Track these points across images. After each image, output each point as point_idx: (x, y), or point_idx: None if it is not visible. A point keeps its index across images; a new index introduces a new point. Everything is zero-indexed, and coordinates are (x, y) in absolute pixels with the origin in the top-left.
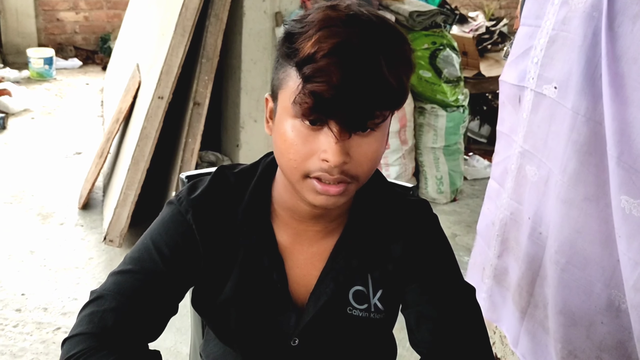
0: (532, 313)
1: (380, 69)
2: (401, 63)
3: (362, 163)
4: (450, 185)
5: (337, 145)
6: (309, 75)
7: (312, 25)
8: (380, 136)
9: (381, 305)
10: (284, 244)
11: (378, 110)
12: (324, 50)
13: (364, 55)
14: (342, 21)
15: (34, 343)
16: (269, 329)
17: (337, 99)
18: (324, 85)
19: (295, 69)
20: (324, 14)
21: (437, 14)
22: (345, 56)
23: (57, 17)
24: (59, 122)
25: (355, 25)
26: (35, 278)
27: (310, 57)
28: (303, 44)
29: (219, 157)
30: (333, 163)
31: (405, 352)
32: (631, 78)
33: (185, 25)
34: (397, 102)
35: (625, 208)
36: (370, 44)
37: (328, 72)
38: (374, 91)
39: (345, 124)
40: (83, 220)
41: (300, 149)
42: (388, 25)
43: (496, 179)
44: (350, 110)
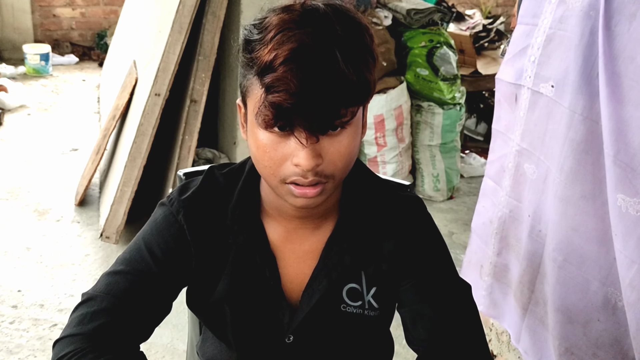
0: (533, 310)
1: (338, 67)
2: (360, 56)
3: (335, 162)
4: (446, 183)
5: (306, 150)
6: (269, 86)
7: (268, 32)
8: (353, 132)
9: (375, 302)
10: (275, 242)
11: (343, 108)
12: (280, 58)
13: (320, 56)
14: (295, 23)
15: (30, 339)
16: (263, 327)
17: (298, 106)
18: (282, 95)
19: (257, 78)
20: (278, 18)
21: (434, 11)
22: (301, 61)
23: (53, 13)
24: (56, 119)
25: (309, 25)
26: (32, 274)
27: (268, 67)
28: (260, 53)
29: (216, 155)
30: (305, 167)
31: (401, 349)
32: (628, 77)
33: (182, 22)
34: (362, 97)
35: (622, 206)
36: (325, 43)
37: (286, 80)
38: (335, 91)
39: (310, 128)
40: (79, 217)
41: (273, 155)
42: (345, 18)
43: (491, 177)
44: (313, 114)
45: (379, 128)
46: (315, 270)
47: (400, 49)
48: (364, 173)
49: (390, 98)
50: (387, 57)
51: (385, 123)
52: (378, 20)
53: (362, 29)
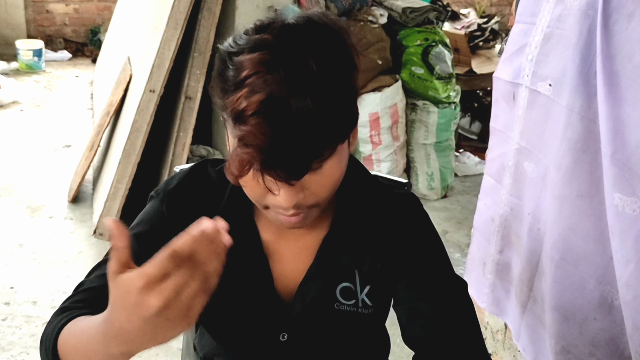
0: (532, 308)
1: (310, 117)
2: (337, 96)
3: (318, 192)
4: (441, 182)
5: (284, 191)
6: (240, 138)
7: (240, 72)
8: (336, 161)
9: (369, 300)
10: (269, 240)
11: (320, 153)
12: (250, 110)
13: (291, 105)
14: (267, 64)
15: (22, 337)
16: (257, 325)
17: (268, 162)
18: (252, 151)
19: (231, 121)
20: (249, 58)
21: (429, 10)
22: (270, 114)
23: (46, 8)
24: (48, 115)
25: (281, 65)
26: (25, 271)
27: (239, 116)
28: (232, 99)
29: (210, 152)
30: (285, 206)
31: (396, 348)
32: (625, 76)
33: (177, 18)
34: (341, 135)
35: (619, 205)
36: (297, 88)
37: (256, 136)
38: (308, 141)
39: (284, 178)
40: (73, 214)
41: (254, 188)
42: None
43: (492, 175)
44: (285, 167)
45: (374, 126)
46: (310, 268)
47: (396, 47)
48: (359, 171)
49: (385, 96)
50: (383, 56)
51: (380, 121)
52: (374, 18)
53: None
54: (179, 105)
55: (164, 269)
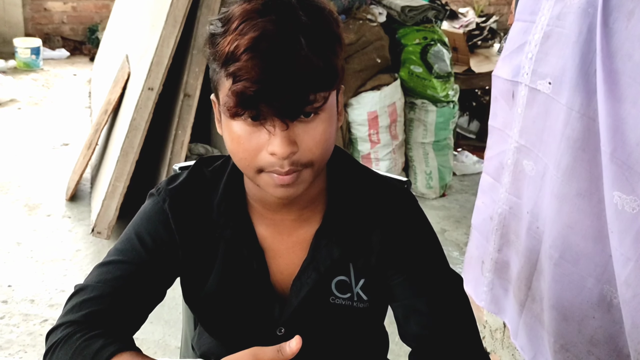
0: (530, 306)
1: (301, 53)
2: (325, 40)
3: (311, 148)
4: (439, 181)
5: (280, 137)
6: (232, 75)
7: (231, 23)
8: (327, 117)
9: (364, 294)
10: (263, 235)
11: (311, 93)
12: (242, 47)
13: (282, 42)
14: (258, 12)
15: (20, 335)
16: (254, 320)
17: (262, 93)
18: (245, 83)
19: (223, 70)
20: (240, 9)
21: (428, 9)
22: (263, 48)
23: (44, 6)
24: (46, 113)
25: (272, 12)
26: (22, 270)
27: (231, 57)
28: (223, 44)
29: (209, 150)
30: (280, 155)
31: (394, 346)
32: (625, 74)
33: (176, 15)
34: (329, 82)
35: (618, 204)
36: (288, 29)
37: (247, 68)
38: (300, 77)
39: (280, 114)
40: (70, 212)
41: (248, 146)
42: (309, 4)
43: (490, 173)
44: (279, 100)
45: (373, 125)
46: (304, 262)
47: (394, 46)
48: (349, 163)
49: (384, 95)
50: (381, 54)
51: (379, 120)
52: (372, 16)
53: (326, 14)
54: (177, 103)
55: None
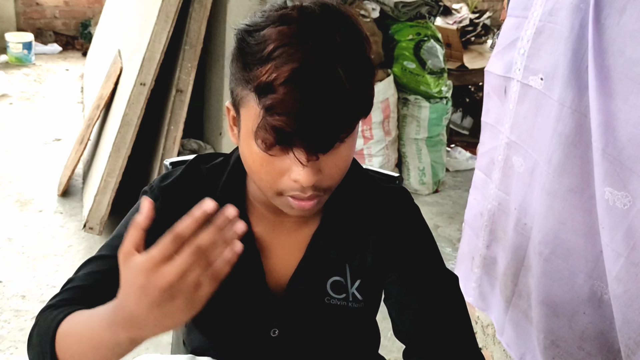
0: (516, 303)
1: (341, 86)
2: (362, 70)
3: (334, 175)
4: (432, 177)
5: (307, 168)
6: (269, 107)
7: (266, 45)
8: (351, 142)
9: (359, 295)
10: (260, 235)
11: (346, 127)
12: (281, 79)
13: (322, 75)
14: (296, 36)
15: (11, 331)
16: (248, 320)
17: (300, 130)
18: (283, 118)
19: (255, 95)
20: (277, 32)
21: (421, 5)
22: (303, 82)
23: (36, 1)
24: (38, 108)
25: (310, 37)
26: (14, 265)
27: (267, 87)
28: (259, 71)
29: (202, 145)
30: (305, 185)
31: (387, 342)
32: (617, 70)
33: (168, 11)
34: (365, 111)
35: (609, 200)
36: (327, 59)
37: (287, 103)
38: (338, 111)
39: (313, 149)
40: (62, 208)
41: (270, 170)
42: (344, 26)
43: (482, 169)
44: (315, 137)
45: (366, 121)
46: (300, 263)
47: (388, 41)
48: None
49: (377, 91)
50: (375, 50)
51: (372, 116)
52: (366, 12)
53: (362, 39)
54: (169, 99)
55: (167, 251)
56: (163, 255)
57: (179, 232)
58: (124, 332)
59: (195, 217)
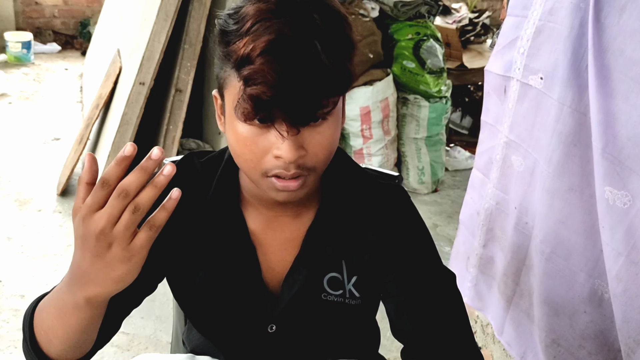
0: (518, 302)
1: (318, 58)
2: (340, 45)
3: (317, 153)
4: (431, 176)
5: (288, 141)
6: (246, 78)
7: (244, 22)
8: (334, 122)
9: (356, 291)
10: (255, 230)
11: (324, 99)
12: (258, 50)
13: (299, 46)
14: (273, 12)
15: (10, 330)
16: (244, 316)
17: (277, 98)
18: (261, 87)
19: (235, 71)
20: (254, 8)
21: (421, 4)
22: (279, 52)
23: (35, 0)
24: (37, 108)
25: (287, 13)
26: (13, 265)
27: (245, 59)
28: (237, 45)
29: (200, 145)
30: (288, 160)
31: (386, 341)
32: (617, 70)
33: (167, 10)
34: (343, 87)
35: (609, 199)
36: (304, 33)
37: (264, 72)
38: (315, 82)
39: (292, 120)
40: (61, 207)
41: (254, 148)
42: (323, 7)
43: (480, 168)
44: (294, 106)
45: (365, 120)
46: (296, 259)
47: (387, 41)
48: (344, 161)
49: (376, 90)
50: (374, 49)
51: (372, 115)
52: (365, 11)
53: (341, 18)
54: (169, 98)
55: (98, 198)
56: (95, 203)
57: (105, 177)
58: (79, 290)
59: (117, 161)
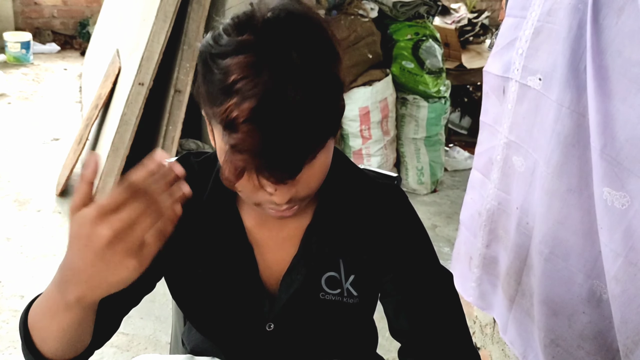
0: (520, 302)
1: (304, 118)
2: (327, 90)
3: (310, 185)
4: (430, 176)
5: (279, 190)
6: (232, 146)
7: (227, 77)
8: (326, 153)
9: (354, 290)
10: (252, 229)
11: (312, 153)
12: (241, 119)
13: (283, 110)
14: (253, 66)
15: (10, 331)
16: (242, 315)
17: (263, 165)
18: (246, 157)
19: (220, 127)
20: (236, 63)
21: (420, 4)
22: (263, 120)
23: (34, 0)
24: (36, 108)
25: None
26: (12, 265)
27: (230, 124)
28: (222, 107)
29: (200, 145)
30: (279, 203)
31: (384, 341)
32: (615, 71)
33: (167, 10)
34: (333, 131)
35: (607, 200)
36: (286, 90)
37: (248, 142)
38: (304, 138)
39: (280, 179)
40: (61, 207)
41: (245, 186)
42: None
43: (479, 169)
44: (280, 171)
45: (364, 120)
46: (294, 259)
47: (386, 41)
48: (341, 161)
49: (375, 90)
50: (373, 50)
51: (371, 115)
52: (364, 12)
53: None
54: (168, 99)
55: (117, 200)
56: (112, 204)
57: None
58: (70, 290)
59: (150, 169)
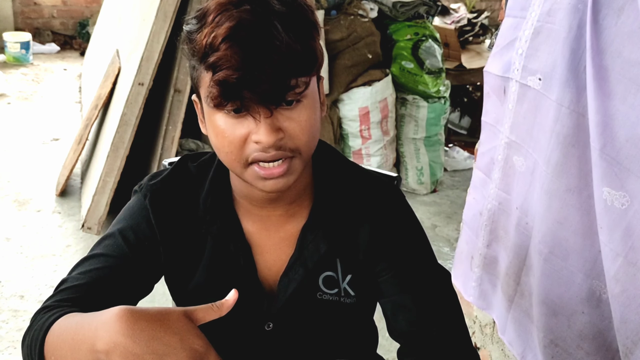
0: (519, 302)
1: (279, 38)
2: (301, 25)
3: (297, 134)
4: (430, 176)
5: (264, 124)
6: (212, 65)
7: (206, 17)
8: (310, 104)
9: (351, 289)
10: (250, 230)
11: (293, 79)
12: (220, 37)
13: (259, 29)
14: (233, 4)
15: (9, 331)
16: (242, 315)
17: (244, 80)
18: (226, 71)
19: (202, 64)
20: (215, 2)
21: (419, 4)
22: (241, 36)
23: (34, 0)
24: (36, 108)
25: (246, 3)
26: (12, 265)
27: (209, 48)
28: (200, 37)
29: (200, 145)
30: (266, 142)
31: (385, 341)
32: (615, 71)
33: (166, 10)
34: (309, 66)
35: (607, 199)
36: (263, 17)
37: (228, 57)
38: (279, 61)
39: (262, 101)
40: (60, 207)
41: (233, 138)
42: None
43: (481, 169)
44: (261, 86)
45: (364, 120)
46: (291, 258)
47: (386, 41)
48: (336, 159)
49: (375, 90)
50: (373, 50)
51: (370, 115)
52: (364, 12)
53: (300, 2)
54: (168, 99)
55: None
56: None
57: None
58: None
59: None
